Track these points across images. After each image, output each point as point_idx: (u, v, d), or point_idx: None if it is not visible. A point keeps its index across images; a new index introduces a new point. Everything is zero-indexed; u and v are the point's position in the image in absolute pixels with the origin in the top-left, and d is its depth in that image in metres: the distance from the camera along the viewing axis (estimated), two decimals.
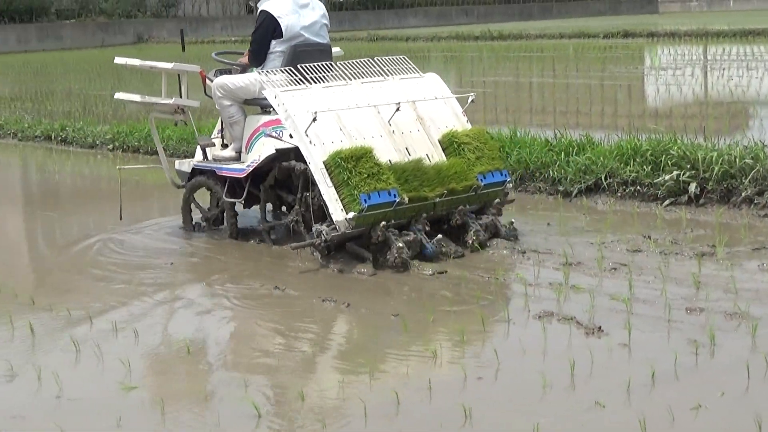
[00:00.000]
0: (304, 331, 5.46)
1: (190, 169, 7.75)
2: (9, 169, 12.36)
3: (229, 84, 7.40)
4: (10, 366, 4.96)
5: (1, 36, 44.91)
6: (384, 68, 7.43)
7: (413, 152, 6.95)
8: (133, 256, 7.27)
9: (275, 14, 7.33)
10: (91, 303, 6.05)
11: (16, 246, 7.72)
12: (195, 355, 5.08)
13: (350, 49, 32.81)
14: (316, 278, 6.41)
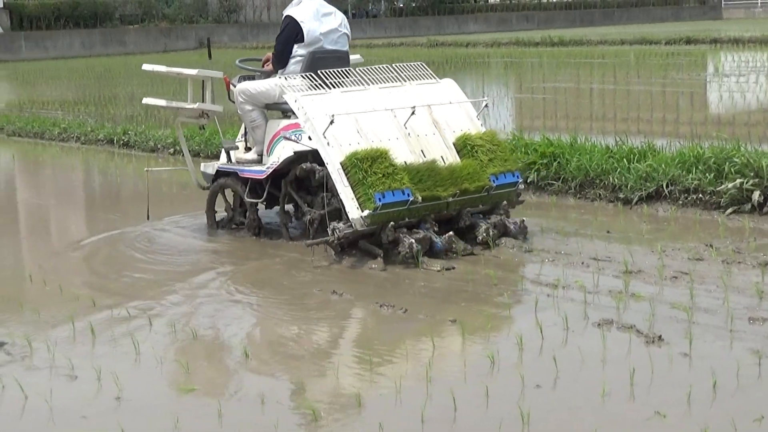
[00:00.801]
0: (359, 336, 5.45)
1: (215, 172, 8.04)
2: (72, 172, 12.50)
3: (251, 89, 7.69)
4: (72, 366, 5.01)
5: (67, 41, 45.57)
6: (401, 74, 7.75)
7: (428, 154, 7.22)
8: (188, 257, 7.32)
9: (298, 19, 7.63)
10: (150, 305, 6.10)
11: (78, 247, 7.81)
12: (252, 357, 5.09)
13: (409, 55, 32.90)
14: (372, 282, 6.40)
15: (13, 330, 5.64)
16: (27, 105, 20.37)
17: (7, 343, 5.41)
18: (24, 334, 5.52)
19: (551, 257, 6.75)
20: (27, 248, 7.91)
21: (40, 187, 11.78)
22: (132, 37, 47.22)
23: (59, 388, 4.74)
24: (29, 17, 46.17)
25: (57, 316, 5.91)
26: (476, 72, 26.00)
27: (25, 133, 15.61)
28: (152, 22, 50.59)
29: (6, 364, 5.08)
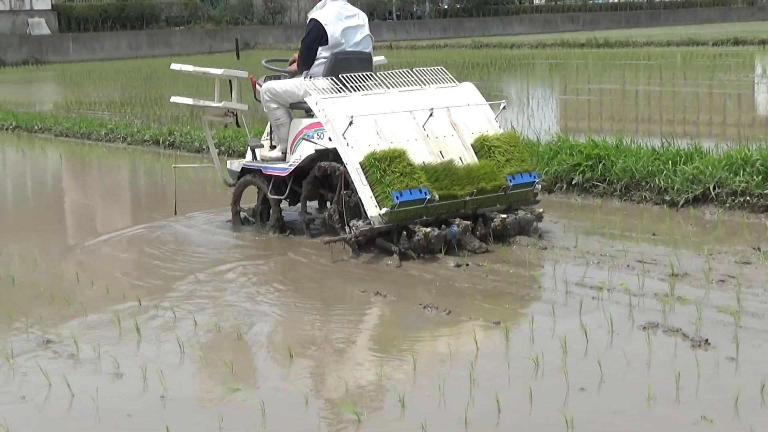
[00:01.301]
0: (403, 337, 5.45)
1: (240, 169, 8.26)
2: (118, 172, 12.61)
3: (276, 88, 7.89)
4: (117, 364, 5.06)
5: (114, 42, 45.97)
6: (422, 78, 7.97)
7: (446, 155, 7.39)
8: (227, 254, 7.36)
9: (323, 22, 7.78)
10: (196, 303, 6.14)
11: (124, 247, 7.87)
12: (296, 357, 5.10)
13: (453, 56, 32.88)
14: (415, 283, 6.40)
15: (60, 328, 5.70)
16: (74, 106, 20.57)
17: (55, 341, 5.46)
18: (70, 332, 5.57)
19: (596, 259, 6.71)
20: (73, 247, 7.98)
21: (87, 187, 11.90)
22: (178, 39, 47.54)
23: (105, 386, 4.78)
24: (77, 19, 46.65)
25: (103, 315, 5.97)
26: (521, 73, 25.92)
27: (72, 134, 15.75)
28: (198, 23, 50.91)
29: (53, 362, 5.13)
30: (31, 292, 6.53)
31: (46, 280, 6.84)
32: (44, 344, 5.44)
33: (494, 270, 6.57)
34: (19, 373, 5.01)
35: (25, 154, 14.78)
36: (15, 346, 5.41)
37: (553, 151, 9.43)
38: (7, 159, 14.72)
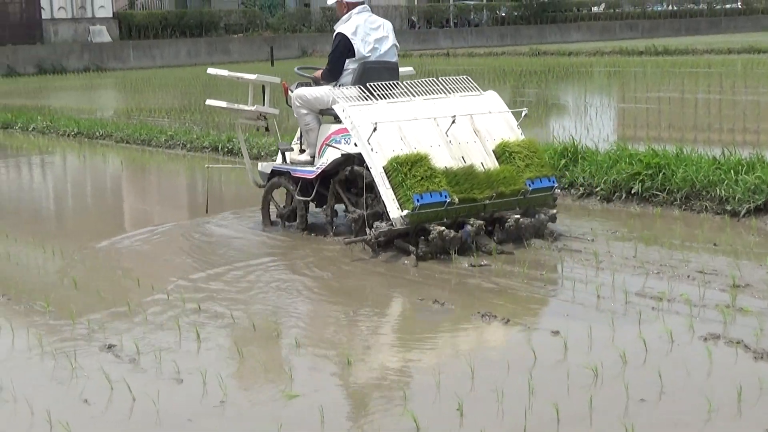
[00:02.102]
0: (461, 345, 5.45)
1: (270, 171, 8.62)
2: (177, 178, 12.73)
3: (307, 95, 8.22)
4: (178, 369, 5.11)
5: (173, 49, 46.40)
6: (447, 87, 8.26)
7: (468, 160, 7.67)
8: (279, 260, 7.40)
9: (349, 35, 8.11)
10: (255, 309, 6.18)
11: (186, 252, 7.94)
12: (355, 364, 5.12)
13: (511, 63, 32.78)
14: (476, 293, 6.39)
15: (122, 333, 5.77)
16: (135, 112, 20.79)
17: (117, 346, 5.53)
18: (132, 337, 5.64)
19: (656, 269, 6.66)
20: (134, 253, 8.07)
21: (146, 193, 12.03)
22: (236, 46, 47.87)
23: (166, 391, 4.84)
24: (137, 27, 47.15)
25: (163, 319, 6.03)
26: (578, 81, 25.77)
27: (132, 140, 15.92)
28: (256, 31, 51.22)
29: (115, 366, 5.20)
30: (93, 296, 6.61)
31: (106, 285, 6.93)
32: (106, 348, 5.51)
33: (551, 279, 6.55)
34: (82, 377, 5.09)
35: (86, 159, 14.98)
36: (78, 349, 5.49)
37: (612, 160, 9.38)
38: (68, 165, 14.91)
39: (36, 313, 6.31)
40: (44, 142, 17.28)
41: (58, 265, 7.64)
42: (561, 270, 6.74)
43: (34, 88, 32.15)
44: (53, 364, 5.31)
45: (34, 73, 41.13)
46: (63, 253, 7.96)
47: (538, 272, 6.69)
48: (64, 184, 13.09)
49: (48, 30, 44.10)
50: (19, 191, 12.70)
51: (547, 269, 6.76)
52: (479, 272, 6.79)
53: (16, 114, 20.30)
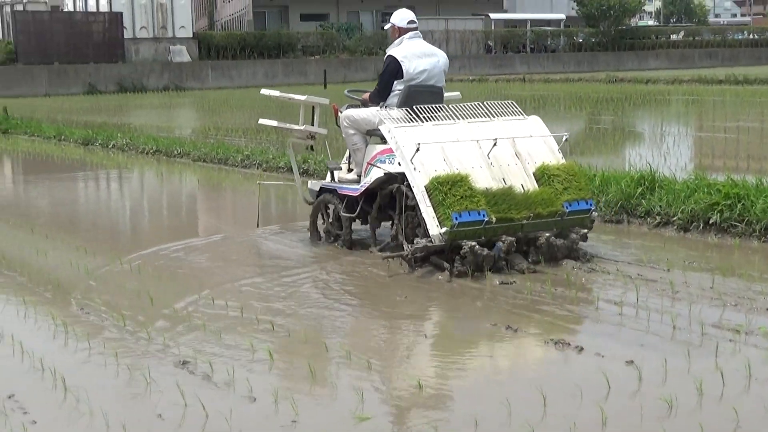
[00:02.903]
0: (533, 372, 5.41)
1: (318, 189, 9.05)
2: (252, 197, 12.81)
3: (354, 116, 8.60)
4: (251, 388, 5.14)
5: (251, 70, 46.98)
6: (491, 111, 8.48)
7: (509, 182, 7.92)
8: (352, 280, 7.42)
9: (399, 58, 8.45)
10: (327, 330, 6.21)
11: (260, 272, 8.01)
12: (426, 388, 5.11)
13: (587, 90, 32.59)
14: (549, 319, 6.35)
15: (196, 350, 5.82)
16: (212, 131, 21.03)
17: (191, 362, 5.59)
18: (206, 353, 5.70)
19: (734, 301, 6.56)
20: (209, 271, 8.14)
21: (221, 212, 12.15)
22: (313, 68, 48.29)
23: (239, 409, 4.87)
24: (216, 47, 47.83)
25: (237, 337, 6.08)
26: (655, 109, 25.54)
27: (209, 159, 16.09)
28: (333, 54, 51.64)
29: (189, 383, 5.24)
30: (168, 313, 6.69)
31: (182, 302, 7.00)
32: (180, 364, 5.56)
33: (625, 308, 6.47)
34: (156, 392, 5.14)
35: (164, 177, 15.17)
36: (152, 365, 5.55)
37: (690, 189, 9.27)
38: (146, 182, 15.12)
39: (112, 327, 6.40)
40: (123, 158, 17.56)
41: (132, 278, 7.73)
42: (636, 299, 6.67)
43: (114, 105, 32.72)
44: (128, 379, 5.38)
45: (115, 91, 41.91)
46: (141, 269, 8.06)
47: (613, 300, 6.63)
48: (139, 200, 13.28)
49: (129, 49, 44.92)
50: (96, 206, 12.91)
51: (622, 298, 6.69)
52: (552, 299, 6.75)
53: (97, 131, 20.68)
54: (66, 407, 4.99)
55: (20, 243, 9.50)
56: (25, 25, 42.88)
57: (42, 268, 8.26)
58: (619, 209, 9.59)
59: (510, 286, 7.17)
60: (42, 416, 4.88)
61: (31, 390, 5.25)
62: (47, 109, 30.82)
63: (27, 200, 13.59)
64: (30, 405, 5.01)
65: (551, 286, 7.05)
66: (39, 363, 5.61)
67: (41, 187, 14.64)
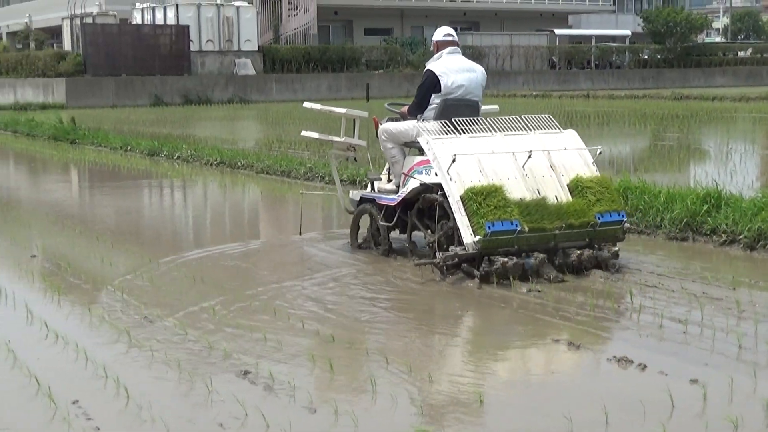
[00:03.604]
0: (597, 388, 5.35)
1: (359, 198, 9.34)
2: (315, 211, 12.85)
3: (392, 129, 8.90)
4: (311, 399, 5.15)
5: (314, 84, 47.24)
6: (528, 124, 8.68)
7: (543, 193, 8.12)
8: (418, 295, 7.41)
9: (437, 72, 8.67)
10: (387, 342, 6.21)
11: (320, 282, 8.02)
12: (486, 404, 5.08)
13: (653, 107, 32.31)
14: (612, 335, 6.29)
15: (257, 360, 5.85)
16: (275, 144, 21.13)
17: (252, 373, 5.61)
18: (267, 364, 5.72)
19: None
20: (272, 282, 8.18)
21: (282, 224, 12.19)
22: (376, 82, 48.41)
23: (298, 420, 4.88)
24: (281, 60, 48.15)
25: (298, 349, 6.09)
26: (722, 126, 25.24)
27: (272, 171, 16.16)
28: (396, 68, 51.75)
29: (249, 393, 5.27)
30: (229, 324, 6.73)
31: (243, 313, 7.04)
32: (242, 375, 5.59)
33: (690, 326, 6.38)
34: (218, 401, 5.17)
35: (227, 188, 15.29)
36: (214, 375, 5.58)
37: (757, 207, 9.14)
38: (209, 193, 15.24)
39: (174, 336, 6.45)
40: (188, 170, 17.72)
41: (192, 288, 7.79)
42: (701, 317, 6.58)
43: (179, 117, 33.07)
44: (190, 387, 5.42)
45: (181, 103, 42.35)
46: (203, 278, 8.12)
47: (677, 318, 6.55)
48: (202, 210, 13.38)
49: (195, 62, 45.39)
50: (160, 215, 13.04)
51: (686, 316, 6.61)
52: (615, 315, 6.68)
53: (162, 142, 20.89)
54: (128, 414, 5.04)
55: (86, 251, 9.62)
56: (95, 37, 43.51)
57: (106, 276, 8.35)
58: (684, 227, 9.49)
59: (571, 301, 7.12)
60: (105, 423, 4.92)
61: (94, 396, 5.31)
62: (114, 120, 31.22)
63: (93, 209, 13.77)
64: (93, 411, 5.07)
65: (614, 302, 6.99)
66: (102, 370, 5.66)
67: (107, 197, 14.84)
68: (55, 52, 45.54)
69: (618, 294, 7.27)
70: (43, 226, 11.47)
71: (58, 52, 45.43)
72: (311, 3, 53.31)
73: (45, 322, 6.77)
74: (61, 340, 6.37)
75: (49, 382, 5.43)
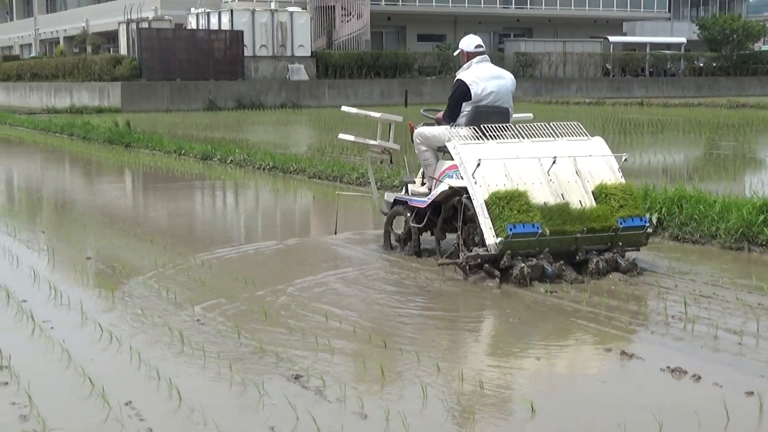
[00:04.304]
0: (650, 398, 5.29)
1: (393, 200, 9.62)
2: (366, 215, 12.86)
3: (426, 133, 9.19)
4: (362, 404, 5.15)
5: (367, 89, 47.31)
6: (556, 131, 8.90)
7: (567, 198, 8.36)
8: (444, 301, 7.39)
9: (468, 82, 8.92)
10: (438, 347, 6.19)
11: (379, 289, 8.02)
12: (539, 412, 5.05)
13: (708, 115, 31.99)
14: (665, 344, 6.22)
15: (309, 365, 5.86)
16: (328, 149, 21.18)
17: (303, 377, 5.62)
18: (319, 368, 5.73)
19: None
20: (323, 284, 8.19)
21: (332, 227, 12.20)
22: (428, 88, 48.39)
23: (350, 425, 4.88)
24: (334, 66, 48.26)
25: (348, 354, 6.10)
26: None
27: (324, 176, 16.19)
28: (449, 74, 51.65)
29: (301, 397, 5.28)
30: (282, 328, 6.75)
31: (296, 316, 7.06)
32: (293, 379, 5.60)
33: (746, 337, 6.30)
34: (269, 405, 5.19)
35: (279, 193, 15.34)
36: (266, 378, 5.60)
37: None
38: (261, 197, 15.31)
39: (227, 340, 6.48)
40: (240, 174, 17.81)
41: (245, 289, 7.83)
42: (756, 329, 6.50)
43: (232, 121, 33.29)
44: (241, 390, 5.44)
45: (234, 107, 42.60)
46: (254, 280, 8.16)
47: (732, 329, 6.47)
48: (253, 214, 13.44)
49: (249, 67, 45.64)
50: (212, 218, 13.13)
51: (742, 327, 6.53)
52: (668, 325, 6.62)
53: (216, 146, 21.02)
54: (180, 416, 5.07)
55: (140, 253, 9.70)
56: (150, 42, 43.91)
57: (159, 277, 8.41)
58: (740, 237, 9.37)
59: (624, 309, 7.06)
60: (157, 424, 4.96)
61: (147, 398, 5.35)
62: (168, 124, 31.49)
63: (146, 211, 13.90)
64: (146, 412, 5.11)
65: (667, 312, 6.93)
66: (155, 371, 5.71)
67: (161, 199, 14.96)
68: (111, 57, 46.03)
69: (672, 304, 7.19)
70: (98, 228, 11.59)
71: (114, 57, 45.92)
72: (365, 9, 53.42)
73: (99, 323, 6.84)
74: (115, 341, 6.43)
75: (103, 383, 5.48)
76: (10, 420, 5.05)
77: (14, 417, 5.09)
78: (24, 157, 23.65)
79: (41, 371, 5.88)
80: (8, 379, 5.69)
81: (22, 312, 7.25)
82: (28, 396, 5.31)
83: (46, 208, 14.24)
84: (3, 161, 22.92)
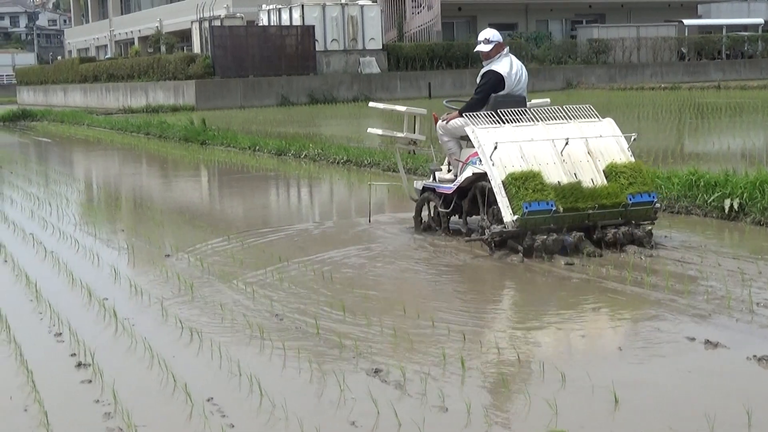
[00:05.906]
0: (737, 387, 5.19)
1: (422, 187, 10.21)
2: None
3: (447, 125, 9.75)
4: (443, 397, 5.12)
5: (439, 80, 47.20)
6: (569, 114, 9.43)
7: (580, 176, 8.86)
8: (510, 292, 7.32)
9: (503, 74, 9.50)
10: (519, 340, 6.14)
11: (450, 282, 8.00)
12: (623, 403, 4.97)
13: None
14: (753, 332, 6.10)
15: (388, 359, 5.85)
16: None
17: (383, 371, 5.61)
18: (398, 363, 5.71)
19: None
20: (402, 280, 8.18)
21: None
22: None
23: (431, 419, 4.86)
24: (405, 58, 48.20)
25: (428, 346, 6.08)
26: None
27: (398, 169, 16.14)
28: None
29: (381, 391, 5.27)
30: (361, 323, 6.75)
31: (373, 309, 7.05)
32: (373, 373, 5.60)
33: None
34: (350, 399, 5.19)
35: (353, 186, 15.36)
36: (346, 373, 5.59)
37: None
38: (335, 191, 15.34)
39: (307, 335, 6.49)
40: (315, 168, 17.87)
41: (322, 284, 7.84)
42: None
43: (305, 116, 33.42)
44: (323, 385, 5.44)
45: (306, 102, 42.77)
46: (332, 278, 8.16)
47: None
48: (328, 208, 13.47)
49: (321, 61, 45.76)
50: (287, 213, 13.18)
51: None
52: (753, 314, 6.48)
53: (290, 141, 21.11)
54: (262, 412, 5.09)
55: (217, 249, 9.75)
56: (222, 39, 44.24)
57: (237, 273, 8.46)
58: None
59: (701, 297, 6.94)
60: (239, 420, 4.99)
61: (229, 394, 5.38)
62: (242, 120, 31.72)
63: (223, 208, 14.01)
64: (228, 408, 5.14)
65: (751, 300, 6.79)
66: (236, 367, 5.74)
67: (237, 196, 15.07)
68: (185, 55, 46.45)
69: (756, 291, 7.05)
70: (176, 225, 11.71)
71: (187, 55, 46.33)
72: (435, 0, 53.26)
73: (180, 319, 6.90)
74: (196, 337, 6.48)
75: (185, 379, 5.52)
76: (94, 418, 5.11)
77: (99, 415, 5.15)
78: (102, 156, 24.00)
79: (124, 368, 5.94)
80: (92, 377, 5.77)
81: (104, 310, 7.34)
82: (113, 393, 5.36)
83: (125, 206, 14.44)
84: (82, 161, 23.30)
